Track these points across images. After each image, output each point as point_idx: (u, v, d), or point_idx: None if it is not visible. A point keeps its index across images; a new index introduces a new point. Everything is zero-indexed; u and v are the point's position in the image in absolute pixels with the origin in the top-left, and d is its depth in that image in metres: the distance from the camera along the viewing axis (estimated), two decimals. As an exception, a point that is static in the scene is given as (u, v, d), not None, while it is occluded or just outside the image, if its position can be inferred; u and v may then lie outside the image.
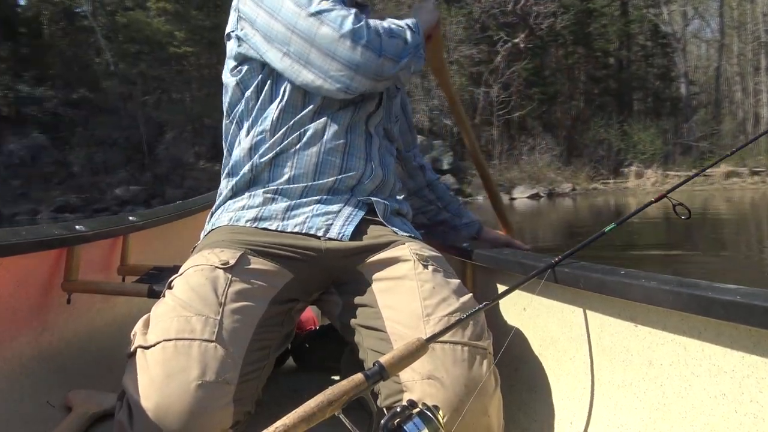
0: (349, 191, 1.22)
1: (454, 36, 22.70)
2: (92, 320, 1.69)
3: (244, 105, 1.27)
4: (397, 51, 1.19)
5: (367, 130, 1.27)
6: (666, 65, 30.52)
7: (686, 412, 0.91)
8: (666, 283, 0.91)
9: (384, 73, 1.18)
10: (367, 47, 1.14)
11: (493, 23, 24.25)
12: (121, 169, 19.30)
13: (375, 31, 1.16)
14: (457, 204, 1.67)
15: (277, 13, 1.17)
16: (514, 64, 24.20)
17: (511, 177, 22.00)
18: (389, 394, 0.95)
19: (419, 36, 1.26)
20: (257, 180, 1.23)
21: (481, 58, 23.64)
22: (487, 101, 23.66)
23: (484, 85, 23.50)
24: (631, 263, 5.09)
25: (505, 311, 1.30)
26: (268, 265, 1.10)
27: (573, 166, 24.29)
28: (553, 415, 1.15)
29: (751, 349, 0.82)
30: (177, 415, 0.85)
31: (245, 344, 0.96)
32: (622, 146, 25.92)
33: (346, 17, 1.14)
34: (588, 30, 28.37)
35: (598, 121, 26.79)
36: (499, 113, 23.92)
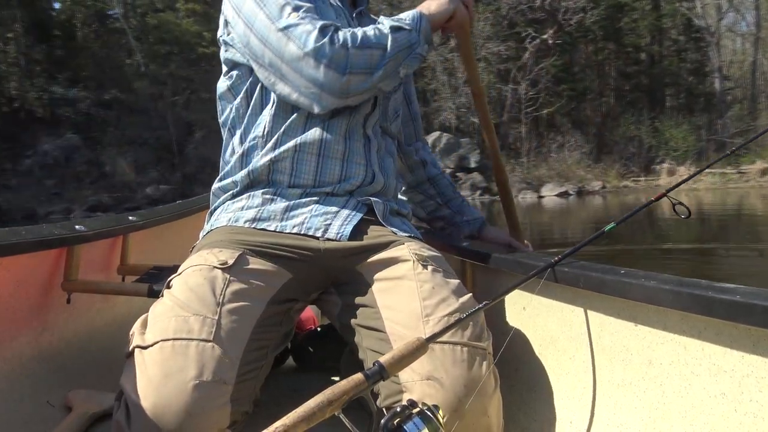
0: (349, 193, 1.21)
1: (481, 33, 22.52)
2: (92, 320, 1.69)
3: (234, 111, 1.27)
4: (369, 64, 1.15)
5: (365, 134, 1.26)
6: (699, 60, 29.83)
7: (686, 411, 0.91)
8: (666, 282, 0.91)
9: (351, 90, 1.15)
10: (329, 66, 1.12)
11: (521, 19, 23.99)
12: (152, 169, 19.60)
13: (342, 45, 1.13)
14: (459, 201, 1.64)
15: (252, 25, 1.17)
16: (543, 61, 23.91)
17: (540, 175, 21.74)
18: (389, 394, 0.95)
19: (416, 35, 1.22)
20: (255, 183, 1.22)
21: (509, 55, 23.40)
22: (515, 98, 23.43)
23: (512, 82, 23.26)
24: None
25: (504, 311, 1.30)
26: (267, 265, 1.10)
27: (603, 164, 23.89)
28: (553, 415, 1.15)
29: (751, 349, 0.82)
30: (174, 414, 0.86)
31: (243, 344, 0.96)
32: (653, 143, 25.43)
33: (310, 33, 1.12)
34: (618, 25, 27.90)
35: (628, 117, 26.34)
36: (527, 110, 23.66)
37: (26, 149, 18.93)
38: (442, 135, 20.75)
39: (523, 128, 24.03)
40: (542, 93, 24.20)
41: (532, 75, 23.29)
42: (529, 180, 20.66)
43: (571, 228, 9.13)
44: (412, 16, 1.24)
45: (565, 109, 25.95)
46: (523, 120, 23.87)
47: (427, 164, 1.61)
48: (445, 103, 22.52)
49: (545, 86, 23.98)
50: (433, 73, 23.17)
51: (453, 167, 20.26)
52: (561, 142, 24.47)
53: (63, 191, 17.99)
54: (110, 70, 22.19)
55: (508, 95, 23.38)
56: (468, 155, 20.54)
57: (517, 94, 23.29)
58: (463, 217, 1.62)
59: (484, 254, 1.38)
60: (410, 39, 1.21)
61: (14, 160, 18.67)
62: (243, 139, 1.25)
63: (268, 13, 1.15)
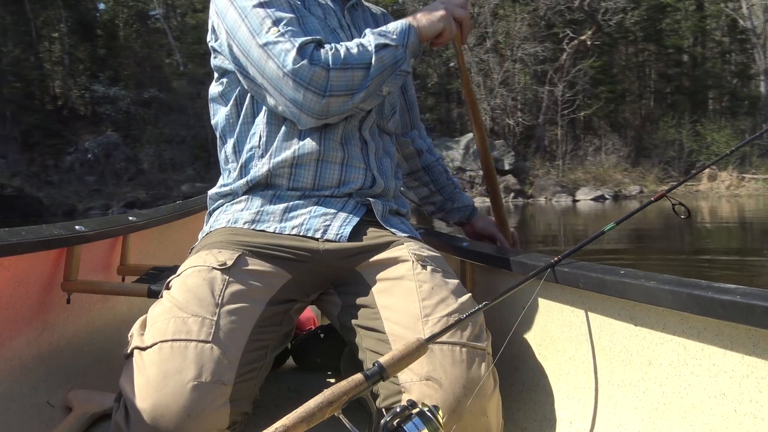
0: (348, 195, 1.21)
1: (518, 33, 22.27)
2: (92, 320, 1.68)
3: (225, 119, 1.26)
4: (350, 86, 1.12)
5: (361, 138, 1.24)
6: (744, 62, 28.99)
7: (686, 411, 0.91)
8: (666, 282, 0.91)
9: (331, 111, 1.13)
10: (308, 88, 1.10)
11: (559, 20, 23.65)
12: (188, 167, 19.94)
13: (323, 66, 1.10)
14: (452, 188, 1.63)
15: (235, 36, 1.15)
16: (581, 62, 23.53)
17: (575, 178, 21.40)
18: (388, 394, 0.96)
19: (402, 51, 1.18)
20: (254, 189, 1.22)
21: (546, 56, 23.09)
22: (551, 100, 23.10)
23: (549, 84, 22.95)
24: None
25: (504, 311, 1.29)
26: (266, 266, 1.10)
27: (641, 168, 23.39)
28: (553, 415, 1.14)
29: (751, 349, 0.82)
30: (173, 415, 0.86)
31: (242, 345, 0.96)
32: (694, 147, 24.79)
33: (288, 53, 1.09)
34: (660, 26, 27.29)
35: (668, 120, 25.73)
36: (563, 112, 23.31)
37: (68, 146, 19.44)
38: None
39: (559, 131, 23.68)
40: (579, 95, 23.81)
41: (570, 76, 22.92)
42: (564, 183, 20.36)
43: (607, 233, 8.94)
44: (401, 29, 1.20)
45: (603, 111, 25.50)
46: (560, 122, 23.52)
47: (422, 153, 1.59)
48: (479, 105, 22.31)
49: (583, 88, 23.59)
50: (469, 74, 23.01)
51: (486, 169, 20.07)
52: (598, 145, 24.07)
53: (102, 188, 18.41)
54: (150, 69, 22.65)
55: (545, 97, 23.06)
56: (502, 157, 20.35)
57: (554, 96, 22.95)
58: (453, 204, 1.62)
59: (484, 254, 1.38)
60: (396, 56, 1.17)
61: (56, 156, 19.17)
62: (238, 149, 1.24)
63: (249, 26, 1.13)
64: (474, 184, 19.85)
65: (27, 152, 19.18)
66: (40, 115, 20.16)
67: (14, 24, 20.92)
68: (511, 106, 22.25)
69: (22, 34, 20.77)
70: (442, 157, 15.52)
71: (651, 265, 5.67)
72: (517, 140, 22.38)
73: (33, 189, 17.59)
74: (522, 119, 22.47)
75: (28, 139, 19.29)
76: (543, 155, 22.49)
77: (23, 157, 18.95)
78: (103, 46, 23.05)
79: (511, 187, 19.45)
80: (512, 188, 19.41)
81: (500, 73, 22.10)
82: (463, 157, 20.12)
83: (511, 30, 22.43)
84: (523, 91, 23.38)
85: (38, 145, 19.26)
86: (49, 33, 22.78)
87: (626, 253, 6.86)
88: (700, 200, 18.60)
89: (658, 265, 5.94)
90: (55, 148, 19.21)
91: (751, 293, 0.80)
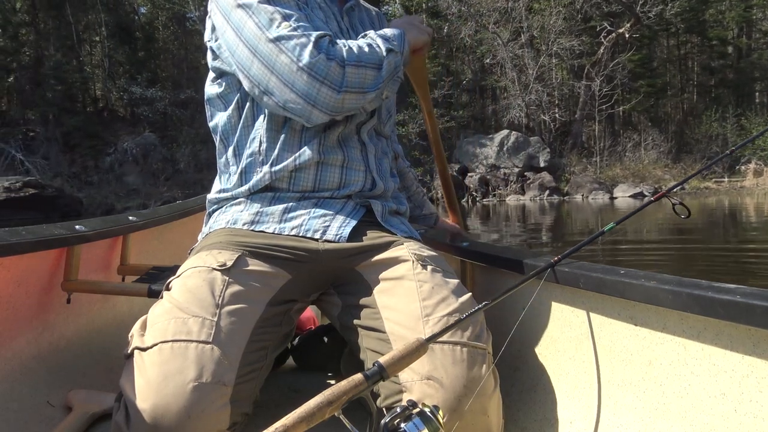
0: (347, 197, 1.21)
1: (553, 27, 21.86)
2: (92, 320, 1.68)
3: (226, 121, 1.24)
4: (363, 84, 1.11)
5: (360, 140, 1.24)
6: (793, 53, 27.85)
7: (686, 411, 0.91)
8: (666, 282, 0.91)
9: (344, 108, 1.12)
10: (324, 83, 1.07)
11: (596, 13, 23.14)
12: (223, 166, 20.18)
13: (339, 61, 1.08)
14: (420, 195, 1.68)
15: (241, 33, 1.12)
16: (619, 56, 22.97)
17: (613, 175, 20.92)
18: (389, 394, 0.96)
19: (400, 58, 1.18)
20: (254, 192, 1.21)
21: (583, 50, 22.62)
22: (588, 95, 22.62)
23: (586, 79, 22.46)
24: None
25: (504, 311, 1.29)
26: (266, 266, 1.10)
27: (682, 164, 22.74)
28: (553, 415, 1.14)
29: (751, 349, 0.82)
30: (174, 416, 0.86)
31: (242, 345, 0.97)
32: (739, 142, 23.93)
33: (304, 47, 1.07)
34: (703, 17, 26.46)
35: (711, 114, 24.99)
36: (601, 107, 22.79)
37: (108, 147, 19.90)
38: (510, 133, 20.31)
39: (597, 126, 23.18)
40: (618, 89, 23.26)
41: (608, 70, 22.39)
42: (602, 180, 19.92)
43: (646, 231, 8.72)
44: (399, 37, 1.20)
45: (643, 105, 24.88)
46: (597, 117, 23.02)
47: (398, 157, 1.59)
48: (514, 101, 22.01)
49: (621, 82, 23.05)
50: (502, 69, 22.71)
51: (521, 166, 19.80)
52: (637, 140, 23.49)
53: (140, 187, 18.78)
54: (187, 70, 23.02)
55: (581, 92, 22.59)
56: (537, 154, 20.03)
57: (591, 91, 22.46)
58: (422, 211, 1.67)
59: (484, 254, 1.38)
60: (397, 62, 1.18)
61: (96, 157, 19.65)
62: (238, 153, 1.23)
63: (257, 22, 1.09)
64: (508, 182, 19.57)
65: (68, 153, 19.70)
66: (81, 117, 20.66)
67: (56, 29, 21.50)
68: (546, 102, 21.86)
69: (64, 39, 21.31)
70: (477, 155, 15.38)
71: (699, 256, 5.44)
72: (553, 137, 21.98)
73: (73, 189, 18.06)
74: (558, 115, 22.07)
75: (69, 140, 19.79)
76: (580, 151, 22.05)
77: (65, 158, 19.46)
78: (141, 48, 23.51)
79: (546, 184, 19.11)
80: (547, 186, 19.07)
81: (535, 68, 21.72)
82: (497, 155, 19.86)
83: (547, 24, 22.03)
84: (559, 86, 22.96)
85: (79, 147, 19.74)
86: (89, 37, 23.36)
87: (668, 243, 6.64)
88: (745, 197, 18.02)
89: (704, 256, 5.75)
90: (95, 149, 19.66)
91: (751, 293, 0.79)
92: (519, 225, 10.96)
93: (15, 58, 20.89)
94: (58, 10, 20.99)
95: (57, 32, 21.42)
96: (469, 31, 22.17)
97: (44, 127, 19.75)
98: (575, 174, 20.35)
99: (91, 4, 21.66)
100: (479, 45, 23.09)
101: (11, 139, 19.13)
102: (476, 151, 20.26)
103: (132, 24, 23.70)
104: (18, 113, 20.54)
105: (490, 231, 9.68)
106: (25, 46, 21.55)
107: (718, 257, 6.12)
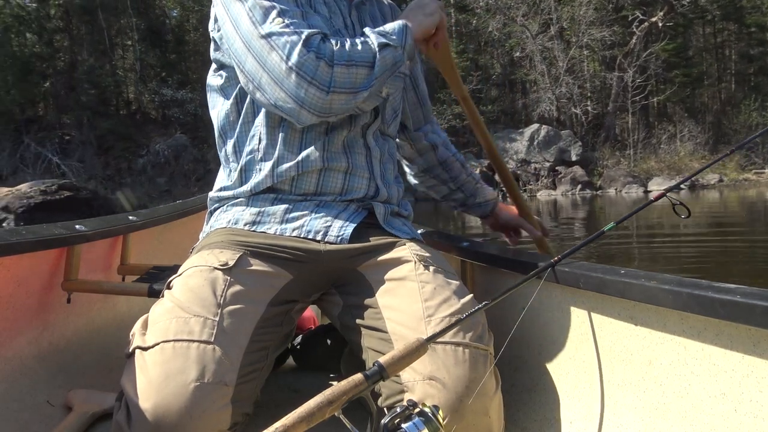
0: (350, 201, 1.21)
1: (583, 18, 21.44)
2: (92, 320, 1.68)
3: (225, 117, 1.23)
4: (354, 83, 1.08)
5: (366, 144, 1.22)
6: (836, 38, 26.84)
7: (686, 411, 0.91)
8: (666, 282, 0.91)
9: (333, 109, 1.09)
10: (311, 83, 1.05)
11: (628, 2, 22.63)
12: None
13: (328, 61, 1.06)
14: (472, 184, 1.59)
15: (238, 27, 1.11)
16: (652, 45, 22.41)
17: (648, 168, 20.45)
18: (390, 394, 0.96)
19: (401, 52, 1.14)
20: (255, 193, 1.20)
21: (615, 41, 22.13)
22: (620, 86, 22.13)
23: (618, 69, 21.98)
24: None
25: (504, 311, 1.28)
26: (267, 266, 1.10)
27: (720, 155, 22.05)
28: (553, 415, 1.14)
29: (751, 349, 0.82)
30: (175, 416, 0.86)
31: (243, 345, 0.97)
32: (780, 131, 23.14)
33: (294, 45, 1.05)
34: (740, 3, 25.65)
35: (750, 104, 24.21)
36: (634, 99, 22.27)
37: (140, 149, 20.24)
38: (540, 127, 20.02)
39: (630, 118, 22.68)
40: (652, 80, 22.72)
41: (640, 61, 21.87)
42: (636, 173, 19.50)
43: (685, 224, 8.50)
44: (399, 30, 1.15)
45: (678, 96, 24.26)
46: (630, 109, 22.51)
47: (437, 148, 1.54)
48: (544, 94, 21.67)
49: (655, 72, 22.49)
50: (532, 62, 22.37)
51: (552, 161, 19.50)
52: (673, 132, 22.90)
53: (172, 188, 19.05)
54: (216, 72, 23.25)
55: (614, 83, 22.11)
56: (569, 148, 19.69)
57: (623, 82, 21.97)
58: (476, 200, 1.60)
59: (485, 254, 1.39)
60: (395, 57, 1.13)
61: (130, 159, 19.99)
62: (238, 149, 1.22)
63: (251, 16, 1.08)
64: (539, 177, 19.30)
65: (102, 156, 20.08)
66: (114, 120, 21.03)
67: (89, 34, 21.94)
68: (577, 95, 21.45)
69: (96, 43, 21.74)
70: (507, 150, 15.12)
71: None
72: (585, 130, 21.57)
73: (107, 191, 18.40)
74: (590, 107, 21.65)
75: (103, 143, 20.17)
76: (613, 144, 21.61)
77: (99, 161, 19.85)
78: (172, 51, 23.84)
79: (578, 178, 18.79)
80: (579, 180, 18.74)
81: (565, 60, 21.34)
82: (527, 149, 19.59)
83: (576, 15, 21.61)
84: (591, 78, 22.52)
85: (113, 149, 20.10)
86: (122, 41, 23.79)
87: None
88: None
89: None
90: (128, 151, 19.99)
91: (752, 293, 0.79)
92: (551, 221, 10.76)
93: (50, 63, 21.37)
94: (91, 15, 21.38)
95: (90, 37, 21.83)
96: (497, 24, 21.88)
97: (79, 130, 20.16)
98: (608, 167, 19.96)
99: (123, 8, 22.02)
100: (507, 38, 22.79)
101: (48, 143, 19.57)
102: (506, 146, 20.01)
103: (162, 27, 24.02)
104: (54, 117, 20.97)
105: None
106: (59, 52, 22.04)
107: (760, 250, 5.94)
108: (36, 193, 15.39)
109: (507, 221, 1.60)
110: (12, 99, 19.59)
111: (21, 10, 20.67)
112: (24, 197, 15.34)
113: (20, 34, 20.77)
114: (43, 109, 21.97)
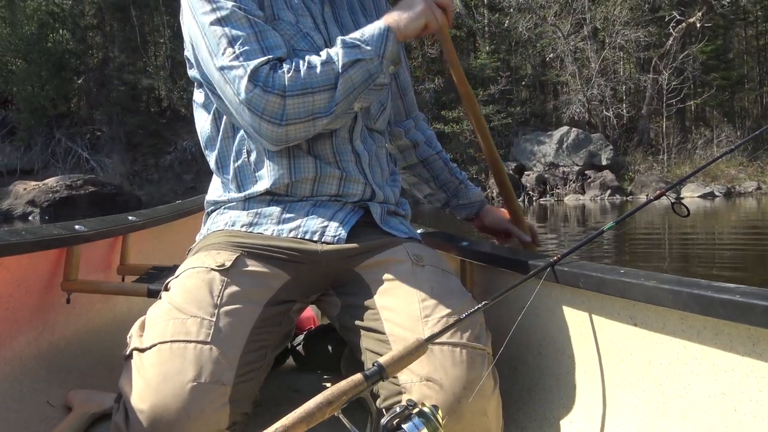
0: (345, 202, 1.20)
1: (617, 18, 20.87)
2: (92, 320, 1.69)
3: (207, 132, 1.23)
4: (311, 111, 1.05)
5: (354, 150, 1.19)
6: None
7: (686, 411, 0.91)
8: (665, 282, 0.91)
9: (291, 138, 1.08)
10: (263, 118, 1.04)
11: (665, 1, 21.96)
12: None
13: (279, 92, 1.03)
14: (455, 184, 1.52)
15: (199, 53, 1.11)
16: (690, 47, 21.70)
17: (681, 173, 19.75)
18: (388, 395, 0.96)
19: (377, 63, 1.09)
20: (250, 196, 1.19)
21: (650, 42, 21.49)
22: (655, 89, 21.48)
23: (653, 72, 21.34)
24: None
25: (504, 311, 1.28)
26: (264, 267, 1.10)
27: (760, 161, 21.24)
28: (552, 415, 1.14)
29: (751, 349, 0.82)
30: (173, 416, 0.86)
31: (241, 345, 0.97)
32: (822, 138, 22.21)
33: (241, 80, 1.03)
34: (784, 5, 24.70)
35: (794, 108, 23.23)
36: (669, 102, 21.60)
37: (168, 146, 20.43)
38: (570, 130, 19.53)
39: (665, 122, 22.01)
40: (688, 83, 22.00)
41: (677, 63, 21.19)
42: (668, 179, 18.85)
43: (718, 230, 8.12)
44: (378, 36, 1.10)
45: (716, 100, 23.48)
46: (665, 113, 21.84)
47: (419, 145, 1.49)
48: (575, 96, 21.17)
49: (692, 75, 21.78)
50: (562, 63, 21.88)
51: (582, 164, 19.01)
52: (709, 137, 22.15)
53: (197, 185, 19.17)
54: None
55: (648, 86, 21.48)
56: (599, 152, 19.17)
57: (658, 85, 21.32)
58: (459, 201, 1.53)
59: (484, 254, 1.38)
60: (369, 71, 1.09)
61: (157, 156, 20.20)
62: (222, 164, 1.22)
63: (208, 46, 1.08)
64: (567, 181, 18.83)
65: (131, 152, 20.33)
66: (143, 116, 21.28)
67: (121, 31, 22.24)
68: (609, 97, 20.90)
69: (128, 41, 22.04)
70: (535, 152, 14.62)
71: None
72: (617, 133, 21.00)
73: (134, 187, 18.61)
74: (622, 110, 21.08)
75: (132, 139, 20.41)
76: (646, 149, 20.99)
77: (128, 157, 20.10)
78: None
79: (608, 183, 18.28)
80: (609, 185, 18.23)
81: (597, 61, 20.80)
82: (555, 152, 19.13)
83: (611, 15, 21.05)
84: (624, 80, 21.93)
85: (141, 146, 20.34)
86: (154, 39, 24.08)
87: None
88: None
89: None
90: (156, 148, 20.18)
91: (751, 292, 0.80)
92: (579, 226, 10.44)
93: (83, 60, 21.72)
94: (124, 12, 21.67)
95: (122, 34, 22.13)
96: (528, 24, 21.46)
97: (109, 126, 20.44)
98: (640, 173, 19.37)
99: (155, 5, 22.27)
100: (539, 39, 22.33)
101: (78, 139, 19.87)
102: (534, 148, 19.59)
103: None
104: (86, 113, 21.33)
105: (548, 231, 9.23)
106: (92, 49, 22.40)
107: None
108: (62, 187, 15.60)
109: (494, 224, 1.53)
110: (46, 95, 19.93)
111: (56, 7, 21.04)
112: (50, 191, 15.56)
113: (55, 31, 21.15)
114: (75, 104, 22.36)
